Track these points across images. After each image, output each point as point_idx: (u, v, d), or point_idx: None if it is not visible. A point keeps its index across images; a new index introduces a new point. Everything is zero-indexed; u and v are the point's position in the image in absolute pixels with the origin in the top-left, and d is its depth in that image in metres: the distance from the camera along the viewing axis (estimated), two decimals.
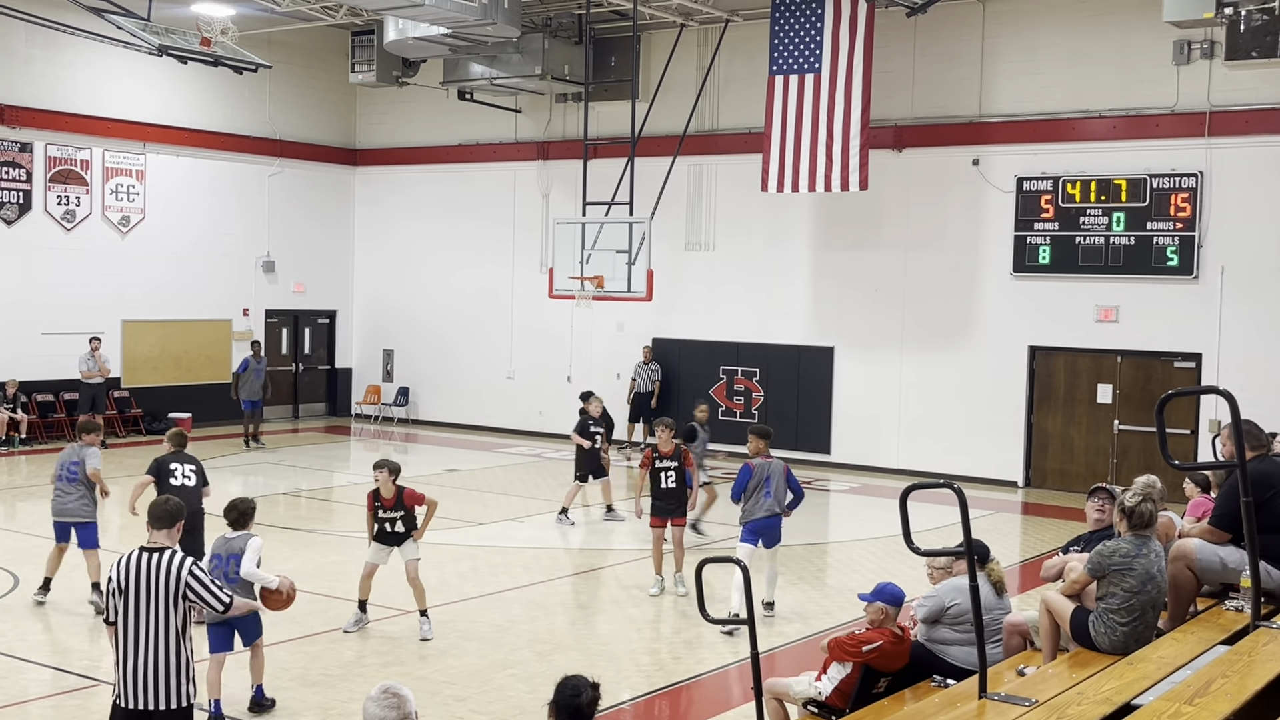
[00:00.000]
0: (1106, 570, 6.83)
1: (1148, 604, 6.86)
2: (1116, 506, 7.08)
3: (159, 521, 6.88)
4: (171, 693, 6.66)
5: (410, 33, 21.17)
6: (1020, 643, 7.55)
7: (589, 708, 5.22)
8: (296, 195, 26.94)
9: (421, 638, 11.19)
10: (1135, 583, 6.80)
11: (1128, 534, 6.94)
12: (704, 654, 10.95)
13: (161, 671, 6.63)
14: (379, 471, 10.92)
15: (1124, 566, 6.81)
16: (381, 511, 11.07)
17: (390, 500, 10.99)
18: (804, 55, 20.14)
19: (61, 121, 22.99)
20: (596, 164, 21.98)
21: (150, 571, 6.63)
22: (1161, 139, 19.18)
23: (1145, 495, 7.00)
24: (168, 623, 6.64)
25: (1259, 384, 17.60)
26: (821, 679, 7.48)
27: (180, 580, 6.66)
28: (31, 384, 22.49)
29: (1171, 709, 5.51)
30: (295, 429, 26.32)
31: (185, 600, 6.68)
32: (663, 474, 12.61)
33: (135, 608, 6.62)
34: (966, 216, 20.89)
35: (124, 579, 6.65)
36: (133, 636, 6.63)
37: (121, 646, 6.65)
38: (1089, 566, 6.93)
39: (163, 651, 6.62)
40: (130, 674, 6.62)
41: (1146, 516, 6.91)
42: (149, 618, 6.62)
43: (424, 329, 27.10)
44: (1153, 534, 7.01)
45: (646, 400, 23.55)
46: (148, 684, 6.63)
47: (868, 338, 21.82)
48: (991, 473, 20.40)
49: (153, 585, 6.62)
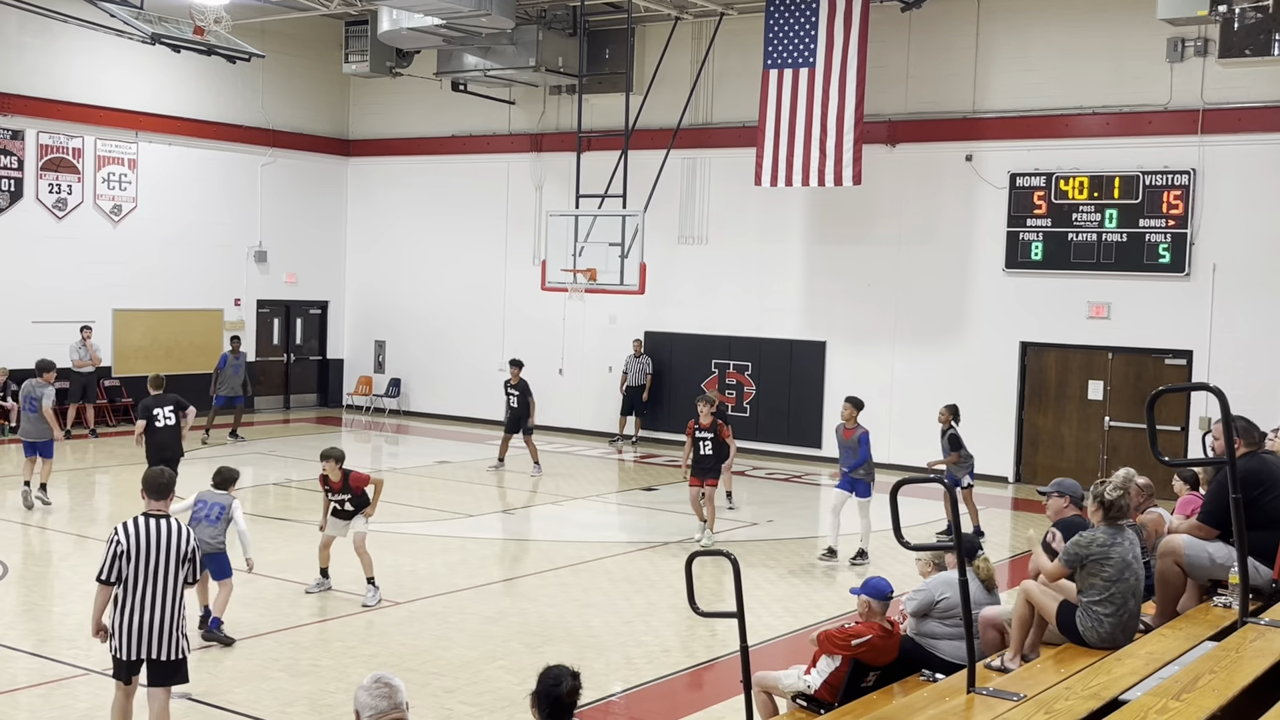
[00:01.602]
0: (1084, 561, 6.90)
1: (1128, 592, 6.91)
2: (1094, 498, 7.12)
3: (157, 491, 7.65)
4: (172, 645, 7.46)
5: (404, 23, 21.15)
6: (996, 637, 7.55)
7: (569, 697, 5.24)
8: (289, 185, 26.88)
9: (363, 604, 11.92)
10: (1113, 571, 6.87)
11: (1102, 524, 6.98)
12: (694, 647, 10.96)
13: (166, 626, 7.42)
14: (325, 461, 12.00)
15: (1101, 556, 6.88)
16: (331, 495, 12.13)
17: (338, 484, 12.03)
18: (798, 49, 20.14)
19: (54, 110, 22.91)
20: (590, 156, 21.95)
21: (160, 537, 7.43)
22: (1155, 136, 19.21)
23: (1125, 489, 7.13)
24: (175, 582, 7.47)
25: (1249, 381, 17.63)
26: (811, 672, 7.49)
27: (189, 544, 7.54)
28: (21, 372, 22.34)
29: (1159, 704, 5.53)
30: (286, 420, 26.29)
31: (189, 563, 7.51)
32: (701, 442, 15.07)
33: (145, 569, 7.38)
34: (959, 212, 20.91)
35: (132, 544, 7.38)
36: (140, 595, 7.36)
37: (128, 604, 7.35)
38: (1064, 559, 6.99)
39: (168, 608, 7.42)
40: (136, 628, 7.36)
41: (1125, 509, 7.05)
42: (158, 578, 7.39)
43: (416, 320, 27.07)
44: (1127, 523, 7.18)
45: (638, 394, 23.55)
46: (153, 637, 7.39)
47: (860, 332, 21.84)
48: (982, 468, 20.36)
49: (163, 549, 7.42)
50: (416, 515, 16.36)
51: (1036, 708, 5.76)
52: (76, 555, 13.78)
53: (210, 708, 9.11)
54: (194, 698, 9.24)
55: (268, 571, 12.70)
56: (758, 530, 16.36)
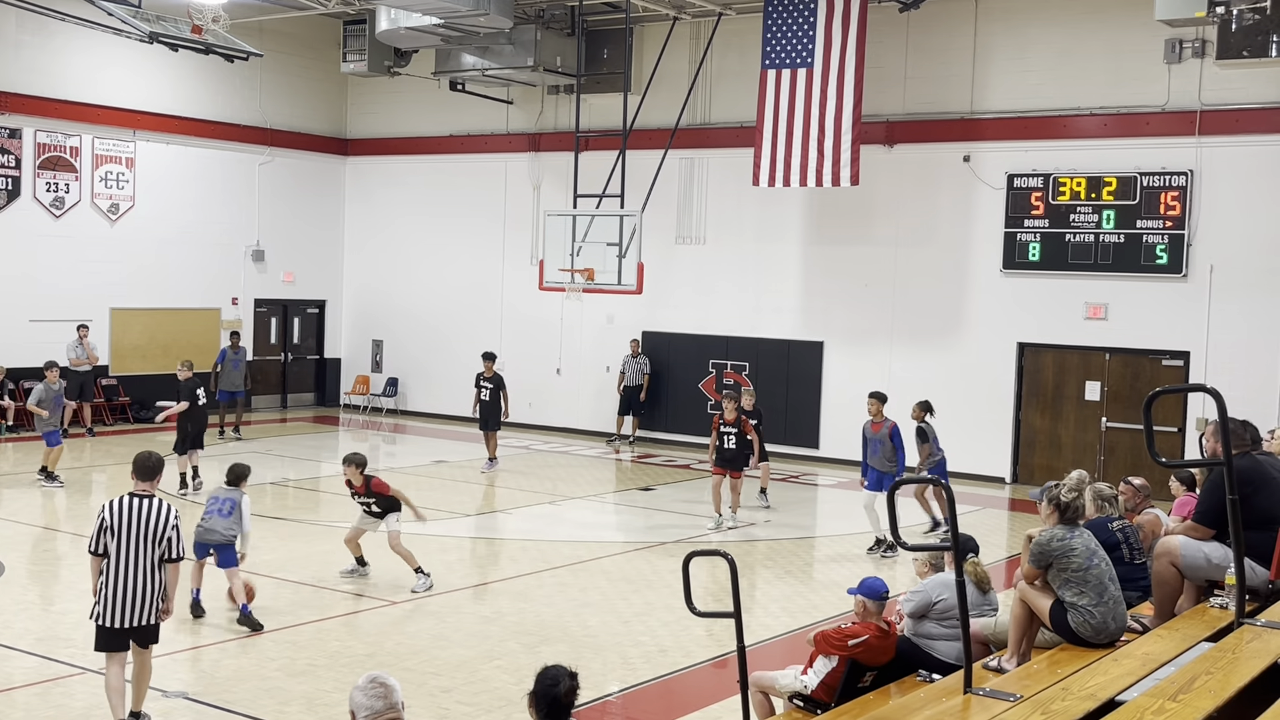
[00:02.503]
0: (1050, 558, 7.00)
1: (1103, 577, 6.97)
2: (1048, 500, 7.24)
3: (146, 473, 8.25)
4: (149, 612, 8.15)
5: (402, 22, 21.14)
6: (980, 650, 7.54)
7: (567, 697, 5.24)
8: (287, 184, 26.87)
9: (411, 590, 12.40)
10: (1081, 560, 6.94)
11: (1058, 525, 7.10)
12: (691, 647, 10.97)
13: (144, 595, 8.08)
14: (347, 467, 12.53)
15: (1064, 550, 6.97)
16: (356, 497, 12.69)
17: (361, 489, 12.52)
18: (796, 50, 20.15)
19: (51, 108, 22.90)
20: (588, 156, 21.94)
21: (141, 515, 8.06)
22: (1152, 137, 19.22)
23: (1079, 490, 7.33)
24: (152, 556, 8.06)
25: (1247, 382, 17.65)
26: (807, 672, 7.49)
27: (168, 524, 8.10)
28: (19, 371, 22.40)
29: (1155, 705, 5.53)
30: (284, 419, 26.27)
31: (166, 541, 8.07)
32: (725, 436, 16.17)
33: (125, 543, 8.01)
34: (957, 213, 20.92)
35: (116, 520, 8.03)
36: (122, 567, 8.02)
37: (112, 574, 8.03)
38: (1032, 560, 7.10)
39: (145, 580, 8.06)
40: (119, 597, 8.04)
41: (1080, 511, 7.25)
42: (136, 552, 8.03)
43: (414, 320, 27.06)
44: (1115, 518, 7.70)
45: (635, 394, 23.55)
46: (133, 606, 8.07)
47: (857, 333, 21.85)
48: (979, 468, 20.43)
49: (143, 526, 8.04)
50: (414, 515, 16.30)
51: (1033, 708, 5.76)
52: (73, 554, 13.77)
53: (208, 707, 9.11)
54: (191, 697, 9.25)
55: (264, 571, 12.70)
56: (755, 530, 16.36)
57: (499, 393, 20.28)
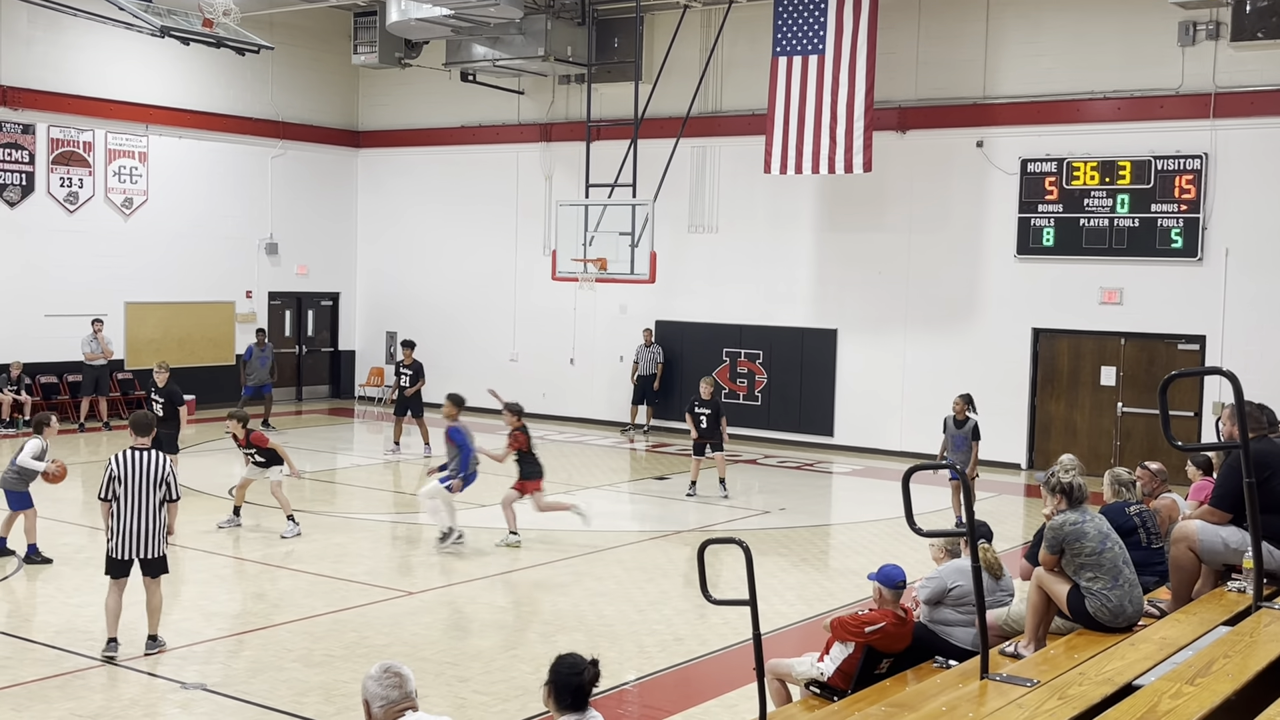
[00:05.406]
0: (1064, 542, 7.00)
1: (1117, 559, 6.96)
2: (1052, 487, 7.24)
3: (143, 430, 9.89)
4: (155, 545, 9.79)
5: (413, 14, 21.11)
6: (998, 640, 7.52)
7: (590, 685, 5.16)
8: (299, 177, 26.90)
9: (281, 535, 14.08)
10: (1094, 544, 6.93)
11: (1069, 510, 7.10)
12: (707, 635, 10.96)
13: (149, 531, 9.71)
14: (230, 421, 14.41)
15: (1076, 534, 6.96)
16: (241, 449, 14.63)
17: (243, 441, 14.40)
18: (808, 36, 20.08)
19: (64, 103, 22.95)
20: (599, 146, 21.92)
21: (142, 465, 9.68)
22: (1166, 121, 19.11)
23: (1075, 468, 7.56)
24: (155, 499, 9.70)
25: (1262, 365, 17.56)
26: (824, 660, 7.49)
27: (164, 471, 9.75)
28: (35, 366, 22.50)
29: (1173, 689, 5.52)
30: (299, 411, 26.34)
31: (165, 485, 9.71)
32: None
33: (131, 489, 9.63)
34: (970, 198, 20.84)
35: (122, 470, 9.63)
36: (130, 509, 9.64)
37: (121, 515, 9.65)
38: (1046, 546, 7.08)
39: (150, 518, 9.70)
40: (128, 534, 9.66)
41: (1083, 490, 7.22)
42: (141, 496, 9.65)
43: (427, 311, 27.06)
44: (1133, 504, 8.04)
45: (649, 383, 23.55)
46: (140, 540, 9.69)
47: (871, 320, 21.79)
48: (995, 455, 20.36)
49: (144, 474, 9.66)
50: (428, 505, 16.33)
51: (1050, 693, 5.75)
52: (91, 548, 13.82)
53: (226, 698, 9.15)
54: (209, 688, 9.29)
55: (279, 563, 12.75)
56: (770, 519, 16.35)
57: (416, 380, 20.92)
